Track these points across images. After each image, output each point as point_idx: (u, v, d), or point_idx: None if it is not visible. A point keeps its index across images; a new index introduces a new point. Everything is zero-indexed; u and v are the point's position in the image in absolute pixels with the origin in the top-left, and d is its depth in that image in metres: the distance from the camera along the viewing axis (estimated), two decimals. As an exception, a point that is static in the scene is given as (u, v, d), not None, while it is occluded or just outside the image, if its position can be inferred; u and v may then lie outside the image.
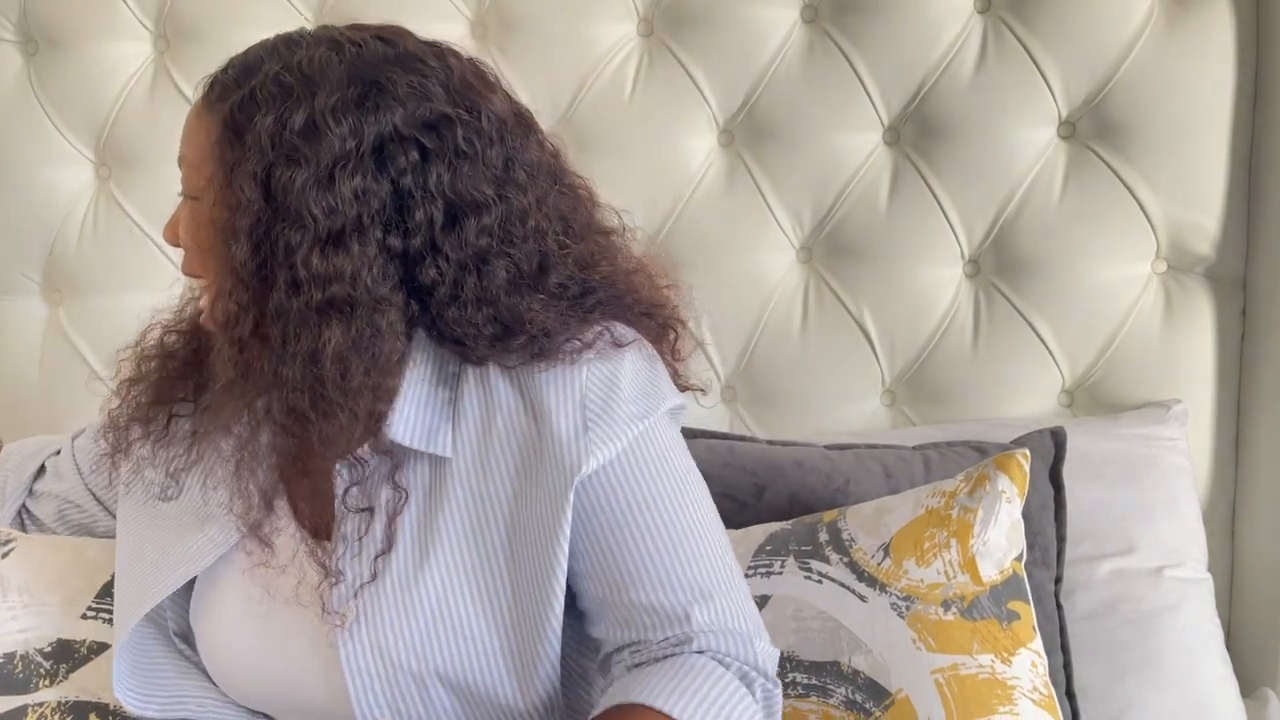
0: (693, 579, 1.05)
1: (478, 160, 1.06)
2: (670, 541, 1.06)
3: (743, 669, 1.04)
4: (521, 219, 1.08)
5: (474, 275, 1.06)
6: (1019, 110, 1.66)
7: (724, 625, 1.05)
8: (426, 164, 1.04)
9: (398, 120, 1.03)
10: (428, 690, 1.07)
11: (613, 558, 1.06)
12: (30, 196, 1.83)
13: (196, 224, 1.07)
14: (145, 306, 1.83)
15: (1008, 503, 1.34)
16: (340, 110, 1.02)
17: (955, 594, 1.32)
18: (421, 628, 1.06)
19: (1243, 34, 1.61)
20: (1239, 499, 1.70)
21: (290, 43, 1.07)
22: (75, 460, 1.37)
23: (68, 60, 1.80)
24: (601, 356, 1.08)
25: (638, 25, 1.75)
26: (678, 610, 1.04)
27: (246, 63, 1.07)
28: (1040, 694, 1.30)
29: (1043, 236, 1.67)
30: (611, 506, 1.06)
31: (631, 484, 1.07)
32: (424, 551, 1.07)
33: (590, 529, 1.07)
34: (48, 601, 1.37)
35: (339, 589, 1.08)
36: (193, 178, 1.07)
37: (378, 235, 1.03)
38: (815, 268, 1.75)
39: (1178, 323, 1.68)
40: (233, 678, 1.16)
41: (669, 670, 1.00)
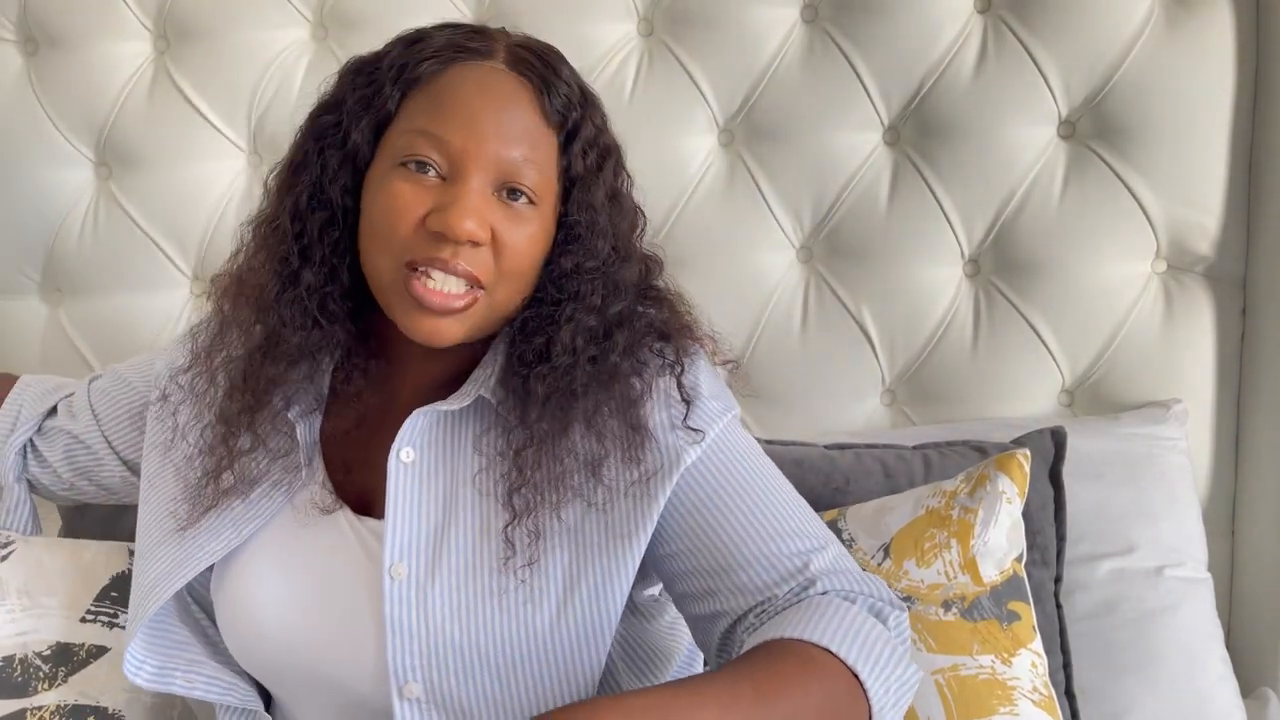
0: (801, 532, 1.09)
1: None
2: (773, 508, 1.10)
3: (870, 602, 1.06)
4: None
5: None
6: (1019, 110, 1.66)
7: (840, 566, 1.08)
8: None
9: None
10: (466, 664, 1.06)
11: (722, 532, 1.08)
12: (30, 196, 1.83)
13: (538, 228, 1.09)
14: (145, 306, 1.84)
15: (1008, 503, 1.34)
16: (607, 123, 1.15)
17: (956, 594, 1.32)
18: (469, 598, 1.06)
19: (1243, 34, 1.61)
20: (1239, 499, 1.70)
21: (575, 72, 1.15)
22: (91, 403, 1.34)
23: (68, 60, 1.80)
24: (676, 365, 1.13)
25: (638, 25, 1.75)
26: (796, 561, 1.07)
27: (566, 80, 1.11)
28: (1040, 694, 1.30)
29: (1043, 236, 1.67)
30: (713, 489, 1.09)
31: (727, 468, 1.11)
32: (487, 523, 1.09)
33: (689, 513, 1.09)
34: (47, 604, 1.37)
35: (394, 543, 1.08)
36: (541, 184, 1.08)
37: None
38: (815, 267, 1.75)
39: (1178, 323, 1.68)
40: (258, 646, 1.14)
41: (805, 611, 1.02)
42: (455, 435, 1.12)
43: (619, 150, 1.16)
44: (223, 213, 1.81)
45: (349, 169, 1.09)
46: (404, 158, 1.06)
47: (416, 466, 1.10)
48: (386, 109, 1.08)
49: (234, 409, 1.13)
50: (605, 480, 1.08)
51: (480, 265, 1.05)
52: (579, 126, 1.09)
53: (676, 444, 1.09)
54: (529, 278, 1.09)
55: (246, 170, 1.82)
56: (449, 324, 1.06)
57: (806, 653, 0.97)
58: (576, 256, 1.09)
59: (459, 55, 1.09)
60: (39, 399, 1.37)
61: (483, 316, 1.08)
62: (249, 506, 1.13)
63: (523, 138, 1.06)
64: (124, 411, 1.31)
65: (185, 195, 1.81)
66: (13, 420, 1.34)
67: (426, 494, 1.10)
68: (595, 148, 1.11)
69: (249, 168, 1.82)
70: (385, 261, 1.06)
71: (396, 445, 1.10)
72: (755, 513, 1.09)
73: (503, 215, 1.06)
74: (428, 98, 1.07)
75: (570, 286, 1.09)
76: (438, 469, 1.11)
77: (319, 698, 1.14)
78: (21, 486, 1.35)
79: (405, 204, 1.04)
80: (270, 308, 1.10)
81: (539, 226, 1.08)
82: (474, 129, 1.05)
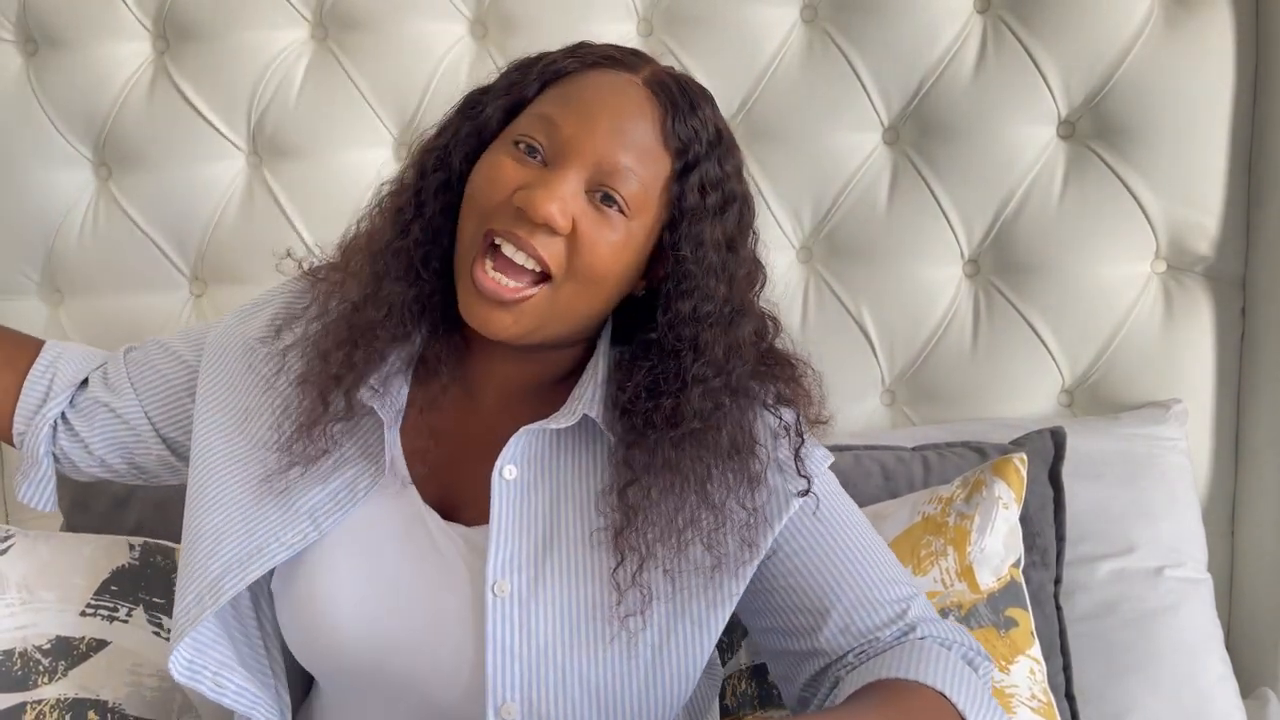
0: (900, 579, 1.13)
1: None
2: (874, 553, 1.14)
3: (964, 650, 1.10)
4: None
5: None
6: (1019, 110, 1.66)
7: (932, 615, 1.12)
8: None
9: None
10: (567, 687, 1.06)
11: (829, 574, 1.11)
12: (30, 196, 1.83)
13: (624, 241, 1.08)
14: (145, 306, 1.84)
15: (1005, 509, 1.34)
16: (743, 175, 1.15)
17: (953, 602, 1.32)
18: (573, 620, 1.07)
19: (1243, 34, 1.61)
20: (1239, 499, 1.70)
21: (716, 114, 1.14)
22: (130, 377, 1.28)
23: (67, 60, 1.80)
24: (780, 413, 1.15)
25: (638, 25, 1.75)
26: (899, 607, 1.10)
27: (699, 114, 1.10)
28: (1039, 701, 1.30)
29: (1043, 236, 1.67)
30: (821, 533, 1.12)
31: (831, 513, 1.14)
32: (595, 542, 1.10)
33: (795, 554, 1.12)
34: (46, 598, 1.37)
35: (499, 558, 1.08)
36: (638, 198, 1.08)
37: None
38: (815, 267, 1.75)
39: (1177, 323, 1.68)
40: (329, 643, 1.11)
41: (910, 653, 1.04)
42: (558, 452, 1.13)
43: (748, 203, 1.15)
44: (222, 213, 1.81)
45: (474, 140, 1.12)
46: (517, 137, 1.08)
47: (519, 483, 1.11)
48: (524, 94, 1.12)
49: (336, 355, 1.13)
50: (714, 535, 1.09)
51: (552, 253, 1.05)
52: (700, 160, 1.09)
53: (784, 490, 1.12)
54: (605, 288, 1.09)
55: (246, 170, 1.82)
56: (502, 315, 1.06)
57: (922, 694, 1.00)
58: (693, 300, 1.09)
59: (604, 63, 1.11)
60: (73, 368, 1.29)
61: (542, 314, 1.07)
62: (329, 498, 1.12)
63: (632, 147, 1.06)
64: (169, 386, 1.26)
65: (185, 195, 1.81)
66: (44, 390, 1.27)
67: (529, 511, 1.10)
68: (717, 190, 1.10)
69: (248, 168, 1.82)
70: (470, 225, 1.08)
71: (500, 462, 1.10)
72: (860, 557, 1.13)
73: (590, 212, 1.06)
74: (560, 90, 1.10)
75: (688, 334, 1.09)
76: (539, 485, 1.11)
77: (393, 700, 1.13)
78: (49, 461, 1.28)
79: (502, 175, 1.07)
80: (380, 254, 1.13)
81: (627, 237, 1.07)
82: (585, 123, 1.06)
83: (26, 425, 1.26)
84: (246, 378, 1.20)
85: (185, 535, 1.15)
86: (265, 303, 1.25)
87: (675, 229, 1.09)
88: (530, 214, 1.03)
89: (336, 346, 1.13)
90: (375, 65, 1.76)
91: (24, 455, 1.28)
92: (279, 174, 1.80)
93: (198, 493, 1.16)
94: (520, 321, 1.07)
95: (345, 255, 1.18)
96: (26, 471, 1.28)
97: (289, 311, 1.22)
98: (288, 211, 1.79)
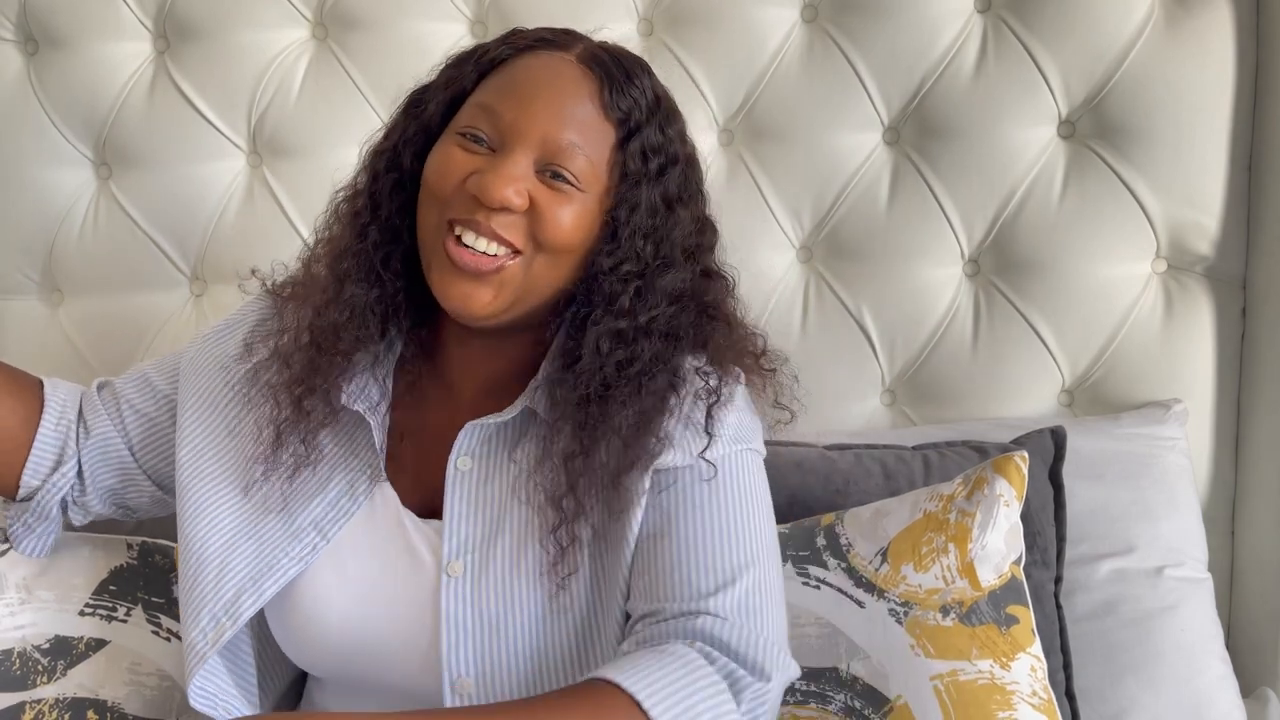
0: (726, 568, 1.08)
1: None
2: (720, 538, 1.10)
3: (730, 667, 1.03)
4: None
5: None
6: (1019, 110, 1.66)
7: (739, 617, 1.06)
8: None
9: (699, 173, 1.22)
10: (515, 658, 1.09)
11: (663, 540, 1.10)
12: (30, 196, 1.83)
13: (578, 214, 1.10)
14: (145, 306, 1.84)
15: (1005, 506, 1.34)
16: (697, 163, 1.20)
17: (954, 599, 1.32)
18: (517, 592, 1.10)
19: (1243, 34, 1.61)
20: (1239, 499, 1.70)
21: (653, 81, 1.18)
22: (112, 421, 1.28)
23: (68, 60, 1.80)
24: (715, 374, 1.17)
25: (638, 25, 1.75)
26: (701, 589, 1.07)
27: (638, 82, 1.14)
28: (1040, 698, 1.30)
29: (1043, 236, 1.67)
30: (679, 498, 1.11)
31: (704, 487, 1.12)
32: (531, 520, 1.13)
33: (652, 516, 1.11)
34: (44, 598, 1.37)
35: (452, 543, 1.12)
36: (587, 173, 1.11)
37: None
38: (815, 267, 1.75)
39: (1178, 322, 1.67)
40: (321, 644, 1.15)
41: (647, 657, 1.01)
42: (510, 442, 1.16)
43: (692, 164, 1.19)
44: (222, 213, 1.81)
45: (422, 137, 1.16)
46: (462, 128, 1.11)
47: (473, 473, 1.14)
48: (463, 86, 1.15)
49: (301, 359, 1.16)
50: (626, 488, 1.11)
51: (515, 232, 1.09)
52: (640, 127, 1.12)
53: (684, 445, 1.13)
54: (571, 259, 1.12)
55: (246, 170, 1.82)
56: (480, 290, 1.09)
57: (612, 700, 0.97)
58: (615, 257, 1.12)
59: (537, 45, 1.15)
60: (73, 421, 1.28)
61: (518, 285, 1.10)
62: (331, 507, 1.15)
63: (574, 123, 1.10)
64: (154, 425, 1.27)
65: (185, 195, 1.81)
66: (59, 447, 1.26)
67: (482, 498, 1.13)
68: (660, 154, 1.14)
69: (249, 167, 1.82)
70: (430, 218, 1.11)
71: (454, 454, 1.14)
72: (700, 533, 1.10)
73: (544, 189, 1.09)
74: (497, 78, 1.13)
75: (604, 288, 1.12)
76: (491, 475, 1.14)
77: (368, 696, 1.16)
78: (59, 513, 1.28)
79: (453, 164, 1.10)
80: (340, 258, 1.16)
81: (583, 209, 1.10)
82: (526, 107, 1.10)
83: (41, 481, 1.25)
84: (225, 395, 1.22)
85: (185, 559, 1.16)
86: (236, 323, 1.27)
87: (616, 193, 1.12)
88: (485, 199, 1.07)
89: (303, 352, 1.15)
90: (375, 65, 1.76)
91: (30, 509, 1.27)
92: (279, 174, 1.80)
93: (193, 516, 1.17)
94: (501, 294, 1.10)
95: (307, 266, 1.21)
96: (32, 525, 1.28)
97: (263, 329, 1.24)
98: (288, 211, 1.79)
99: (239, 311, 1.28)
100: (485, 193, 1.06)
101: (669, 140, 1.15)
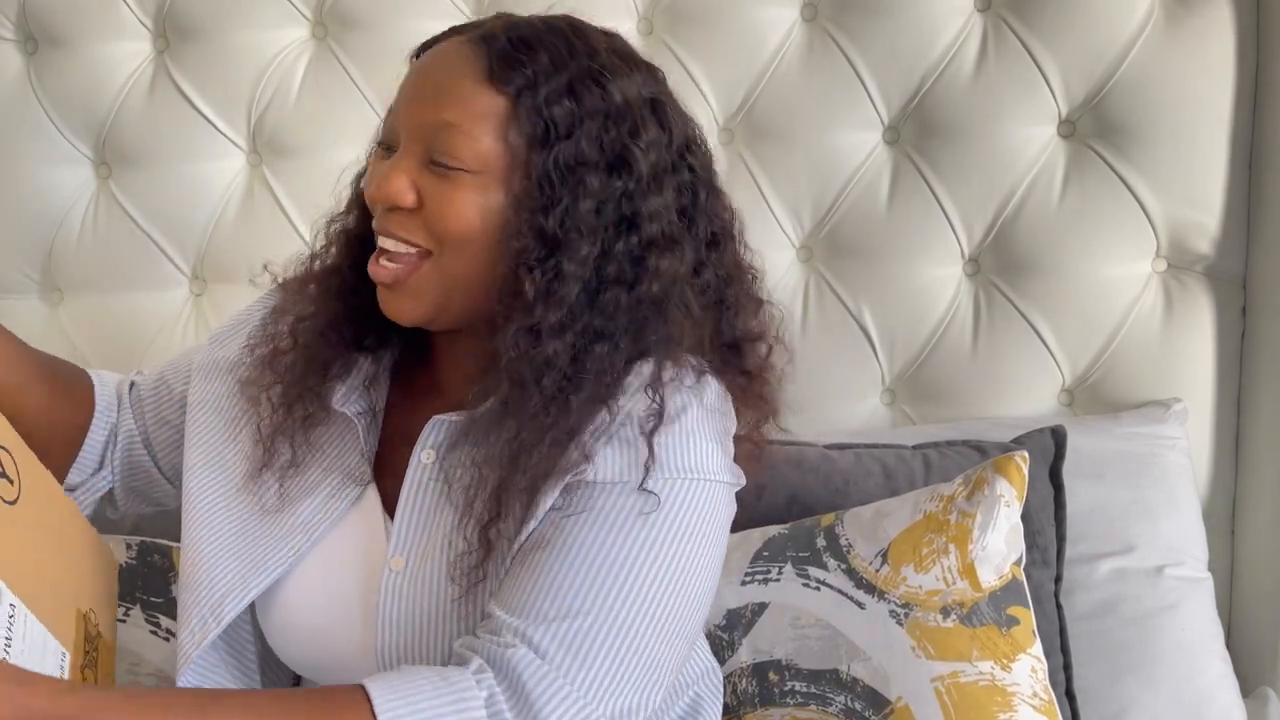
0: (580, 598, 0.99)
1: (718, 186, 1.13)
2: (595, 563, 1.00)
3: (501, 709, 0.95)
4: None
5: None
6: (1019, 109, 1.66)
7: (560, 655, 0.97)
8: (697, 183, 1.09)
9: (678, 139, 1.07)
10: (438, 654, 1.06)
11: (540, 550, 1.01)
12: (30, 196, 1.83)
13: (470, 199, 1.03)
14: (145, 306, 1.85)
15: (1006, 507, 1.34)
16: (649, 120, 1.05)
17: (954, 600, 1.32)
18: (450, 597, 1.05)
19: (1243, 34, 1.61)
20: (1239, 498, 1.70)
21: (579, 36, 1.06)
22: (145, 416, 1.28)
23: (67, 59, 1.80)
24: (680, 387, 1.06)
25: (638, 24, 1.75)
26: (538, 610, 0.98)
27: (540, 43, 1.03)
28: (1040, 699, 1.30)
29: (1043, 236, 1.67)
30: (582, 514, 1.02)
31: (613, 508, 1.02)
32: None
33: (545, 527, 1.03)
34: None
35: (398, 536, 1.09)
36: (468, 152, 1.02)
37: (687, 246, 1.07)
38: (815, 267, 1.75)
39: (1178, 322, 1.67)
40: (297, 643, 1.14)
41: (431, 681, 0.95)
42: (474, 437, 1.09)
43: (614, 117, 1.03)
44: (222, 212, 1.81)
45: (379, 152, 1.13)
46: (378, 140, 1.10)
47: (435, 466, 1.10)
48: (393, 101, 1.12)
49: (297, 367, 1.14)
50: (537, 499, 1.04)
51: (413, 230, 1.04)
52: (536, 85, 1.01)
53: (589, 452, 1.02)
54: (481, 248, 1.04)
55: (246, 170, 1.82)
56: (400, 300, 1.07)
57: (357, 706, 0.94)
58: (521, 240, 1.02)
59: (440, 39, 1.10)
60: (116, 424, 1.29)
61: (435, 287, 1.05)
62: (319, 510, 1.13)
63: (452, 103, 1.02)
64: (175, 431, 1.27)
65: (185, 195, 1.81)
66: (102, 448, 1.27)
67: (434, 495, 1.10)
68: (564, 109, 1.02)
69: (248, 167, 1.82)
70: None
71: (418, 447, 1.11)
72: (563, 568, 1.00)
73: (434, 180, 1.03)
74: (402, 82, 1.10)
75: (513, 277, 1.03)
76: (450, 472, 1.10)
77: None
78: (94, 509, 1.29)
79: (368, 176, 1.08)
80: (321, 272, 1.17)
81: (478, 192, 1.02)
82: (410, 100, 1.06)
83: (84, 479, 1.26)
84: (229, 397, 1.21)
85: (183, 561, 1.17)
86: (243, 322, 1.25)
87: (531, 159, 1.03)
88: (371, 201, 1.06)
89: (296, 353, 1.15)
90: (375, 65, 1.76)
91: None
92: (279, 173, 1.80)
93: (193, 518, 1.17)
94: (420, 301, 1.06)
95: (310, 262, 1.20)
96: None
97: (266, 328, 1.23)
98: (288, 211, 1.80)
99: (247, 310, 1.27)
100: (370, 197, 1.06)
101: (587, 92, 1.02)
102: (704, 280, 1.09)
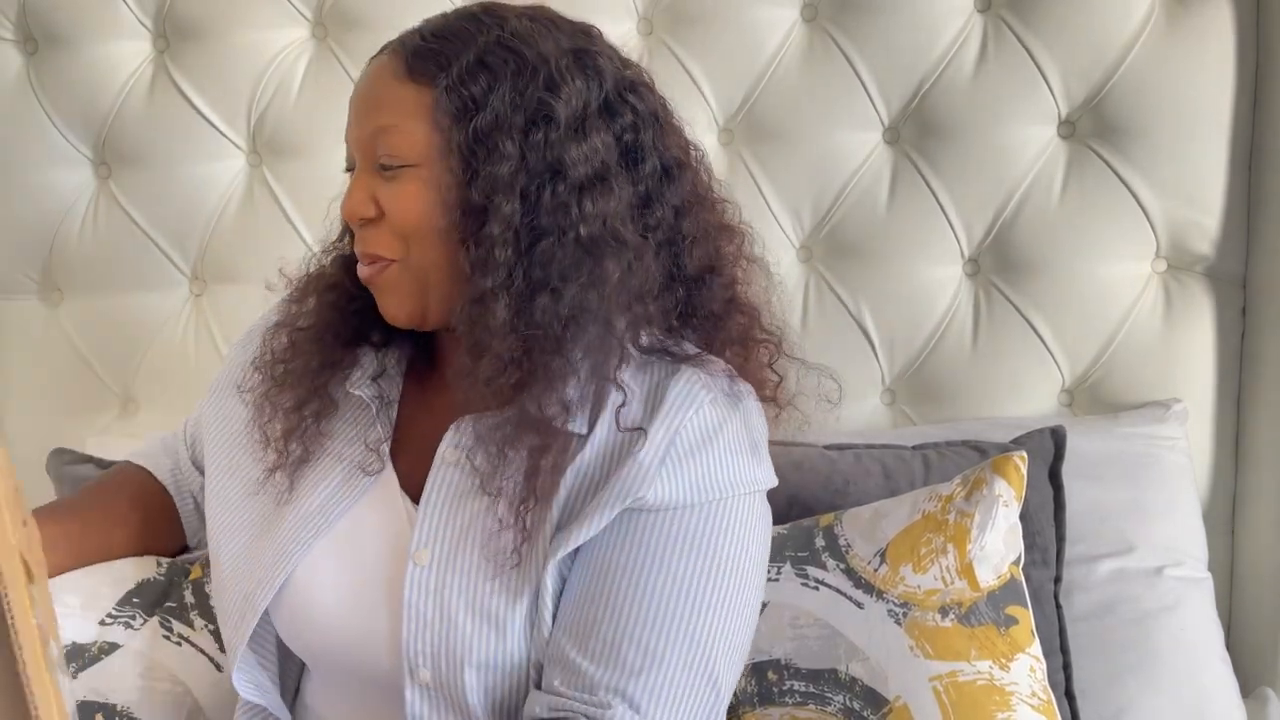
0: (642, 665, 1.02)
1: (670, 122, 1.15)
2: (653, 617, 1.03)
3: None
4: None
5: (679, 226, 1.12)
6: (1019, 109, 1.66)
7: (654, 707, 1.01)
8: (640, 123, 1.10)
9: (609, 83, 1.09)
10: (469, 659, 1.06)
11: (590, 602, 1.04)
12: (30, 196, 1.84)
13: (417, 191, 1.06)
14: (144, 306, 1.85)
15: (1005, 506, 1.34)
16: (570, 71, 1.06)
17: (953, 600, 1.32)
18: (483, 593, 1.06)
19: (1243, 34, 1.61)
20: (1239, 499, 1.70)
21: (489, 13, 1.10)
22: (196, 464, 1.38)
23: (67, 59, 1.80)
24: (718, 400, 1.09)
25: (638, 24, 1.75)
26: (627, 662, 1.02)
27: (449, 32, 1.08)
28: (1039, 699, 1.30)
29: (1043, 236, 1.67)
30: (628, 550, 1.05)
31: (661, 541, 1.05)
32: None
33: (596, 559, 1.06)
34: (70, 603, 1.36)
35: (422, 529, 1.09)
36: (405, 146, 1.06)
37: (624, 185, 1.07)
38: (815, 267, 1.75)
39: (1178, 322, 1.67)
40: (309, 630, 1.14)
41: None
42: (501, 439, 1.10)
43: (543, 82, 1.05)
44: (222, 212, 1.81)
45: None
46: (345, 169, 1.15)
47: (459, 465, 1.11)
48: None
49: (311, 357, 1.18)
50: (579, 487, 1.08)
51: (379, 241, 1.09)
52: (450, 65, 1.05)
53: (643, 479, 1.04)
54: (437, 236, 1.06)
55: (246, 170, 1.82)
56: (386, 300, 1.11)
57: None
58: (466, 227, 1.05)
59: (376, 57, 1.13)
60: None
61: (411, 283, 1.09)
62: (332, 496, 1.15)
63: (382, 108, 1.08)
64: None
65: (185, 195, 1.82)
66: (195, 515, 1.40)
67: (464, 487, 1.10)
68: (476, 81, 1.04)
69: (249, 167, 1.82)
70: None
71: (443, 446, 1.12)
72: (632, 605, 1.03)
73: (385, 184, 1.08)
74: None
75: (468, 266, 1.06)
76: (475, 468, 1.10)
77: (347, 679, 1.16)
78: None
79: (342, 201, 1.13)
80: (320, 280, 1.21)
81: (424, 183, 1.06)
82: (351, 121, 1.12)
83: (194, 532, 1.41)
84: (239, 404, 1.24)
85: (212, 564, 1.20)
86: (256, 329, 1.28)
87: (457, 137, 1.05)
88: (345, 222, 1.14)
89: (292, 361, 1.18)
90: (375, 65, 1.76)
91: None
92: (279, 174, 1.80)
93: (215, 523, 1.21)
94: (402, 300, 1.10)
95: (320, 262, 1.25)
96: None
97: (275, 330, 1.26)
98: (288, 211, 1.80)
99: (262, 317, 1.29)
100: (342, 218, 1.12)
101: (498, 60, 1.05)
102: (656, 216, 1.10)
